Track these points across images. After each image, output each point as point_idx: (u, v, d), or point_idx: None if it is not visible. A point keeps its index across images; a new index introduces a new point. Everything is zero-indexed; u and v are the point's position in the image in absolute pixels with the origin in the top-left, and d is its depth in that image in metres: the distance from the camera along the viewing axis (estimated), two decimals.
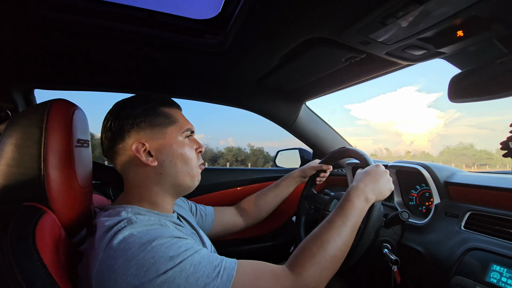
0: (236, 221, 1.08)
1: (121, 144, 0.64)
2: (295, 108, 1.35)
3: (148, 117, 0.65)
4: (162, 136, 0.66)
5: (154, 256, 0.48)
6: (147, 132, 0.65)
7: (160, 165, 0.65)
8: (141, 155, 0.63)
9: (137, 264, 0.47)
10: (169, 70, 1.04)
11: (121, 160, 0.65)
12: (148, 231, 0.52)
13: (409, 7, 0.54)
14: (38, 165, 0.54)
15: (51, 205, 0.55)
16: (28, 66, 0.93)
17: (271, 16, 0.66)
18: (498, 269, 0.61)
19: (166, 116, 0.68)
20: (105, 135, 0.66)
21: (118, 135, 0.64)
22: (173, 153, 0.66)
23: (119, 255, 0.48)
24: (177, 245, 0.52)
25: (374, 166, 0.82)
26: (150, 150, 0.64)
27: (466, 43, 0.63)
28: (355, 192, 0.74)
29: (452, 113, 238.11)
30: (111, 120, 0.65)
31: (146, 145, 0.64)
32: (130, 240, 0.50)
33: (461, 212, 0.79)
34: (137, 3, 0.74)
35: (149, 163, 0.64)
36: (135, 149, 0.63)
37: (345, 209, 0.70)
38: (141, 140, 0.64)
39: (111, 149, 0.66)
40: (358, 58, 0.84)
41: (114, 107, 0.68)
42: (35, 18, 0.68)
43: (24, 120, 0.56)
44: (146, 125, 0.65)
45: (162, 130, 0.66)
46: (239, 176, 1.40)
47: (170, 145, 0.66)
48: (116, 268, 0.47)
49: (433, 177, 0.90)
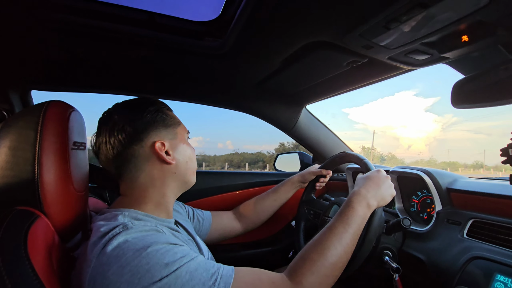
0: (234, 226, 1.07)
1: (138, 145, 0.63)
2: (296, 112, 1.34)
3: (161, 118, 0.67)
4: (175, 136, 0.69)
5: (148, 262, 0.47)
6: (163, 132, 0.67)
7: (176, 164, 0.67)
8: (163, 154, 0.64)
9: (131, 271, 0.46)
10: (169, 73, 1.03)
11: (135, 162, 0.63)
12: (143, 237, 0.51)
13: (413, 12, 0.53)
14: (32, 168, 0.53)
15: (45, 209, 0.54)
16: (25, 67, 0.92)
17: (272, 19, 0.65)
18: (502, 279, 0.60)
19: (172, 117, 0.71)
20: (114, 139, 0.62)
21: (134, 136, 0.63)
22: (185, 152, 0.70)
23: (112, 261, 0.47)
24: (172, 251, 0.50)
25: (375, 171, 0.81)
26: (167, 150, 0.66)
27: (470, 48, 0.62)
28: (357, 198, 0.72)
29: (449, 118, 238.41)
30: (119, 121, 0.63)
31: (166, 144, 0.65)
32: (124, 246, 0.48)
33: (464, 219, 0.78)
34: (137, 5, 0.73)
35: (170, 161, 0.65)
36: (158, 147, 0.64)
37: (347, 216, 0.68)
38: (161, 139, 0.65)
39: (123, 153, 0.63)
40: (360, 62, 0.83)
41: (118, 109, 0.66)
42: (32, 19, 0.67)
43: (20, 122, 0.55)
44: (160, 125, 0.67)
45: (174, 130, 0.69)
46: (238, 180, 1.39)
47: (182, 144, 0.70)
48: (109, 275, 0.46)
49: (435, 183, 0.89)
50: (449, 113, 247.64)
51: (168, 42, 0.79)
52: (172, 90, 1.18)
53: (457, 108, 0.71)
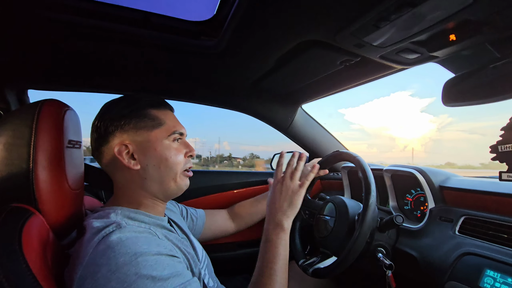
0: (227, 226, 1.08)
1: (106, 145, 0.63)
2: (291, 111, 1.35)
3: (133, 119, 0.63)
4: (146, 138, 0.63)
5: (137, 272, 0.46)
6: (131, 134, 0.63)
7: (144, 169, 0.63)
8: (122, 158, 0.61)
9: (119, 278, 0.46)
10: (164, 72, 1.04)
11: (106, 161, 0.64)
12: (136, 239, 0.51)
13: (402, 10, 0.54)
14: (27, 166, 0.53)
15: (39, 207, 0.54)
16: (22, 66, 0.93)
17: (265, 18, 0.66)
18: (492, 274, 0.60)
19: (152, 118, 0.65)
20: (92, 136, 0.65)
21: (103, 136, 0.63)
22: (157, 156, 0.63)
23: (103, 263, 0.47)
24: (161, 265, 0.49)
25: (272, 190, 0.80)
26: (133, 153, 0.62)
27: (458, 47, 0.63)
28: (270, 228, 0.73)
29: (444, 118, 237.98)
30: (97, 120, 0.64)
31: (129, 147, 0.62)
32: (116, 248, 0.48)
33: (456, 216, 0.79)
34: (132, 4, 0.74)
35: (130, 166, 0.62)
36: (117, 151, 0.61)
37: (269, 253, 0.70)
38: (124, 142, 0.62)
39: (97, 150, 0.65)
40: (353, 61, 0.84)
41: (101, 107, 0.67)
42: (30, 18, 0.68)
43: (15, 120, 0.56)
44: (130, 127, 0.63)
45: (146, 132, 0.64)
46: (234, 179, 1.39)
47: (154, 148, 0.63)
48: (98, 277, 0.46)
49: (428, 182, 0.90)
50: (444, 114, 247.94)
51: (163, 41, 0.80)
52: (167, 89, 1.19)
53: (448, 106, 0.72)
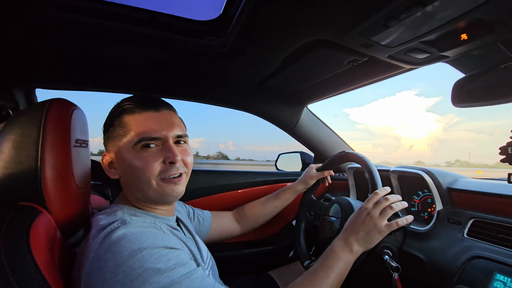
0: (233, 228, 1.08)
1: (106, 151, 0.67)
2: (297, 111, 1.34)
3: (110, 128, 0.65)
4: (118, 148, 0.63)
5: (142, 265, 0.47)
6: (110, 144, 0.65)
7: (121, 178, 0.66)
8: (105, 166, 0.66)
9: (125, 272, 0.47)
10: (170, 71, 1.04)
11: None
12: (141, 234, 0.52)
13: (412, 9, 0.53)
14: (35, 165, 0.54)
15: (47, 205, 0.55)
16: (30, 66, 0.94)
17: (272, 18, 0.65)
18: (502, 278, 0.59)
19: (122, 126, 0.62)
20: None
21: (105, 142, 0.67)
22: (127, 166, 0.62)
23: (109, 257, 0.48)
24: (167, 257, 0.50)
25: (358, 210, 0.76)
26: (113, 162, 0.65)
27: (469, 46, 0.62)
28: (339, 243, 0.72)
29: (451, 118, 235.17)
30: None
31: (109, 157, 0.65)
32: (121, 242, 0.49)
33: (464, 219, 0.78)
34: (139, 4, 0.74)
35: (110, 175, 0.65)
36: (103, 160, 0.66)
37: (328, 260, 0.68)
38: (108, 152, 0.66)
39: None
40: (361, 61, 0.83)
41: None
42: (38, 18, 0.68)
43: (23, 119, 0.56)
44: (109, 136, 0.65)
45: (118, 142, 0.63)
46: (239, 178, 1.39)
47: (123, 158, 0.62)
48: (105, 272, 0.47)
49: (436, 183, 0.89)
50: (451, 113, 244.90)
51: (169, 41, 0.80)
52: (173, 89, 1.19)
53: (457, 107, 0.71)
